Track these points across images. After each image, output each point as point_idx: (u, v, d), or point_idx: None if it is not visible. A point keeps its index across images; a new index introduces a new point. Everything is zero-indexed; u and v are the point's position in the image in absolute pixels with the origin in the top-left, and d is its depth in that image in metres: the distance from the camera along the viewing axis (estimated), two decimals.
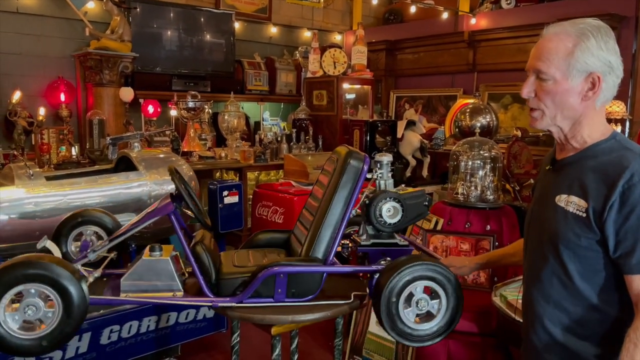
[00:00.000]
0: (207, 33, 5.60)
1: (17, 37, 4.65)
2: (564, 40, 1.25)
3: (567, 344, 1.31)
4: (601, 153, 1.27)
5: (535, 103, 1.30)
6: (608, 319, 1.26)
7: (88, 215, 2.01)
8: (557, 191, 1.31)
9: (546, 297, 1.33)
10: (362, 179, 1.78)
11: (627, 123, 4.70)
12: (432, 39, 6.29)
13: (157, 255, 1.69)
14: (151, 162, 2.84)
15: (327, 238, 1.75)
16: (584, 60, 1.23)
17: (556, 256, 1.30)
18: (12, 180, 2.47)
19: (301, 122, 5.42)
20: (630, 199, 1.17)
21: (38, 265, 1.48)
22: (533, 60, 1.28)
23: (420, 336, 1.62)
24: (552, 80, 1.26)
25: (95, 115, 4.34)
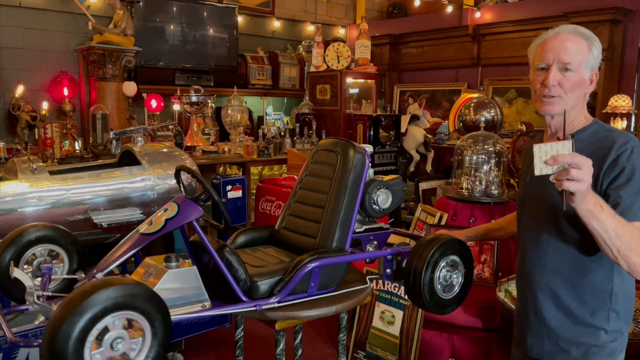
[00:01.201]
0: (210, 27, 5.58)
1: (20, 32, 4.64)
2: (579, 41, 1.46)
3: (563, 306, 1.48)
4: (588, 136, 1.47)
5: (557, 91, 1.45)
6: (599, 277, 1.45)
7: (35, 233, 1.70)
8: None
9: (543, 265, 1.52)
10: (366, 170, 1.92)
11: (633, 117, 4.67)
12: (436, 33, 6.25)
13: (174, 265, 1.55)
14: (154, 157, 2.83)
15: (346, 228, 1.84)
16: (593, 59, 1.47)
17: (554, 227, 1.48)
18: (16, 175, 2.47)
19: (304, 117, 5.40)
20: (618, 163, 1.36)
21: (128, 290, 1.24)
22: (558, 54, 1.45)
23: (447, 306, 1.79)
24: (576, 72, 1.45)
25: (98, 109, 4.33)
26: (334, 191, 1.89)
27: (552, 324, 1.50)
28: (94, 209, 2.57)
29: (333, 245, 1.82)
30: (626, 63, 4.86)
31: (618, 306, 1.46)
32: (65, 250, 1.75)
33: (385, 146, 5.19)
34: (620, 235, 1.26)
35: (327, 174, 1.95)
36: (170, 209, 1.63)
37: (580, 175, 1.15)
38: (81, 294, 1.18)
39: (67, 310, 1.16)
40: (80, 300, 1.17)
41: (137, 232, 1.64)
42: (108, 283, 1.22)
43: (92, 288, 1.20)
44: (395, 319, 2.91)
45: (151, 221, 1.63)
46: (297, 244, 1.94)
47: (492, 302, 2.68)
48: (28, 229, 1.71)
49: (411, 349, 2.80)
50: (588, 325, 1.46)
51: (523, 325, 1.59)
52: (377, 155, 5.14)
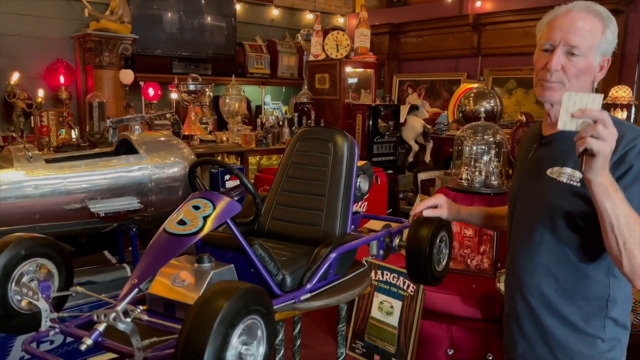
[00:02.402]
0: (208, 15, 5.52)
1: (16, 18, 4.58)
2: (594, 21, 1.30)
3: (557, 312, 1.36)
4: None
5: (558, 76, 1.31)
6: (595, 283, 1.33)
7: (24, 247, 1.50)
8: (549, 164, 1.36)
9: (535, 266, 1.39)
10: (357, 157, 2.00)
11: (633, 108, 4.64)
12: (436, 22, 6.20)
13: (211, 266, 1.49)
14: (152, 145, 2.80)
15: (347, 214, 1.92)
16: (606, 42, 1.31)
17: (549, 226, 1.35)
18: (11, 163, 2.44)
19: (303, 106, 5.36)
20: (626, 160, 1.24)
21: (257, 294, 1.19)
22: (565, 34, 1.30)
23: (440, 278, 1.88)
24: (583, 57, 1.30)
25: (95, 97, 4.30)
26: (332, 178, 1.94)
27: (545, 330, 1.38)
28: (90, 197, 2.54)
29: (338, 231, 1.87)
30: (627, 53, 4.83)
31: (615, 313, 1.34)
32: (55, 264, 1.57)
33: (384, 136, 5.17)
34: (631, 225, 1.15)
35: (319, 163, 1.98)
36: (203, 207, 1.51)
37: (606, 134, 1.05)
38: (218, 299, 1.10)
39: (207, 320, 1.07)
40: (220, 307, 1.08)
41: (171, 234, 1.46)
42: (237, 288, 1.14)
43: (229, 292, 1.12)
44: (394, 310, 2.90)
45: (182, 221, 1.48)
46: (296, 233, 1.94)
47: (491, 293, 2.68)
48: (14, 242, 1.48)
49: (410, 339, 2.79)
50: (583, 333, 1.34)
51: (513, 330, 1.47)
52: (375, 145, 5.12)
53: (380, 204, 4.54)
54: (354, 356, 3.02)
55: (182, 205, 1.56)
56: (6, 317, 1.48)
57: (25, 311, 1.50)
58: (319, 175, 1.96)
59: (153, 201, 2.71)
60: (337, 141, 1.99)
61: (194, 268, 1.50)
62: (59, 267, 1.58)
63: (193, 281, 1.46)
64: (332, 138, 1.99)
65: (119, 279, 2.69)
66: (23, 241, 1.50)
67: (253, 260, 1.55)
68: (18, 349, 2.32)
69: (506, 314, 1.53)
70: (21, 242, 1.50)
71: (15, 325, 1.51)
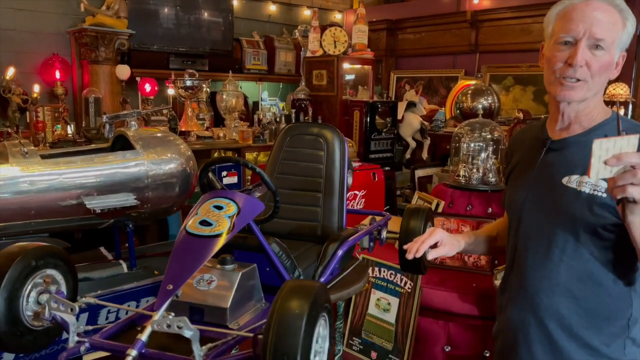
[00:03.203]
0: (205, 10, 5.49)
1: (11, 13, 4.54)
2: (614, 13, 1.20)
3: (575, 335, 1.26)
4: (610, 131, 1.20)
5: (583, 73, 1.19)
6: (618, 302, 1.24)
7: (36, 258, 1.40)
8: (565, 172, 1.24)
9: (553, 287, 1.26)
10: (347, 153, 2.06)
11: (630, 105, 4.65)
12: (433, 18, 6.19)
13: (235, 267, 1.47)
14: (148, 141, 2.78)
15: (344, 209, 1.96)
16: (626, 36, 1.22)
17: (570, 241, 1.23)
18: (7, 159, 2.42)
19: (300, 103, 5.35)
20: None
21: (326, 291, 1.21)
22: (590, 26, 1.18)
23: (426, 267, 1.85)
24: (607, 51, 1.20)
25: (91, 93, 4.26)
26: (327, 174, 1.97)
27: (562, 356, 1.27)
28: (86, 193, 2.53)
29: (336, 226, 1.86)
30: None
31: (635, 333, 1.25)
32: (62, 273, 1.49)
33: (381, 133, 5.16)
34: None
35: (312, 159, 1.99)
36: (226, 206, 1.48)
37: None
38: (301, 300, 1.11)
39: (295, 323, 1.07)
40: (305, 308, 1.09)
41: (198, 236, 1.42)
42: (313, 287, 1.16)
43: (307, 292, 1.13)
44: (391, 307, 2.90)
45: (206, 221, 1.44)
46: (294, 230, 1.95)
47: (489, 290, 2.68)
48: (22, 254, 1.37)
49: (407, 336, 2.79)
50: (604, 356, 1.24)
51: (521, 356, 1.33)
52: (373, 142, 5.11)
53: (378, 200, 4.54)
54: (351, 353, 3.02)
55: (198, 206, 1.51)
56: (18, 336, 1.38)
57: (36, 327, 1.41)
58: (313, 171, 1.97)
59: (149, 197, 2.69)
60: (328, 137, 2.01)
61: (218, 270, 1.46)
62: (65, 276, 1.50)
63: (221, 284, 1.43)
64: (323, 134, 2.01)
65: (115, 276, 2.68)
66: (31, 251, 1.40)
67: (272, 259, 1.54)
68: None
69: (509, 338, 1.38)
70: (30, 253, 1.39)
71: (26, 344, 1.40)
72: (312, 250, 1.80)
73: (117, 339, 1.34)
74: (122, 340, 1.31)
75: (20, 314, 1.36)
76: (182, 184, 2.81)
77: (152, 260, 2.96)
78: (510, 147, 1.55)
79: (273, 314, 1.09)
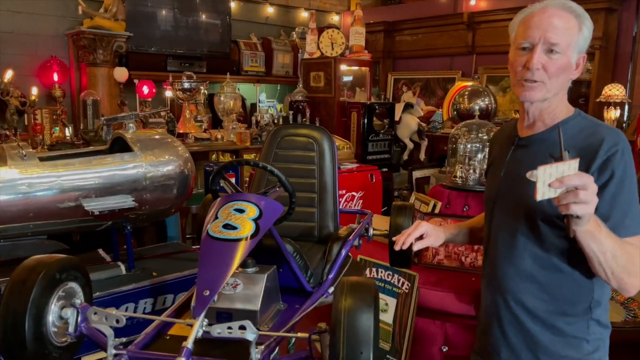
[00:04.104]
0: (202, 12, 5.51)
1: (9, 15, 4.55)
2: (570, 18, 1.29)
3: (541, 317, 1.35)
4: (571, 128, 1.31)
5: (540, 75, 1.29)
6: (580, 287, 1.32)
7: (59, 270, 1.35)
8: (529, 166, 1.29)
9: (519, 273, 1.36)
10: (337, 153, 2.10)
11: (626, 106, 4.68)
12: (430, 20, 6.22)
13: (257, 269, 1.47)
14: (146, 143, 2.79)
15: (337, 209, 2.00)
16: (583, 40, 1.30)
17: (532, 230, 1.32)
18: (5, 161, 2.42)
19: (298, 104, 5.36)
20: (608, 167, 1.22)
21: None
22: (544, 32, 1.27)
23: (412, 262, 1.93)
24: (563, 54, 1.28)
25: (89, 95, 4.27)
26: (321, 176, 2.01)
27: (529, 336, 1.36)
28: (85, 195, 2.53)
29: (332, 225, 1.88)
30: (620, 52, 4.86)
31: (598, 314, 1.34)
32: (80, 285, 1.43)
33: (379, 134, 5.18)
34: (617, 257, 1.16)
35: (305, 160, 2.02)
36: (248, 210, 1.47)
37: (589, 197, 1.03)
38: (369, 293, 1.20)
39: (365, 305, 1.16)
40: (373, 300, 1.19)
41: (225, 240, 1.40)
42: (372, 282, 1.27)
43: (371, 284, 1.24)
44: (388, 307, 2.91)
45: (230, 225, 1.43)
46: (290, 231, 1.96)
47: None
48: (46, 267, 1.32)
49: (404, 336, 2.80)
50: (569, 337, 1.33)
51: (495, 335, 1.43)
52: (370, 143, 5.13)
53: (376, 202, 4.55)
54: None
55: (217, 210, 1.49)
56: (44, 355, 1.30)
57: (61, 344, 1.35)
58: (306, 172, 1.99)
59: (147, 199, 2.70)
60: (318, 138, 2.04)
61: (241, 273, 1.46)
62: (83, 288, 1.44)
63: (247, 287, 1.43)
64: (313, 136, 2.04)
65: (113, 277, 2.69)
66: (54, 264, 1.34)
67: (289, 260, 1.55)
68: None
69: (486, 319, 1.48)
70: (53, 266, 1.33)
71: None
72: (314, 250, 1.82)
73: (154, 349, 1.32)
74: (158, 349, 1.30)
75: (48, 331, 1.30)
76: (180, 186, 2.82)
77: (151, 262, 2.96)
78: (490, 146, 1.68)
79: (341, 312, 1.13)
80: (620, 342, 2.32)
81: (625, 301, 2.60)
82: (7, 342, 1.23)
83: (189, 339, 1.20)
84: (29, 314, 1.24)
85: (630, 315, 2.44)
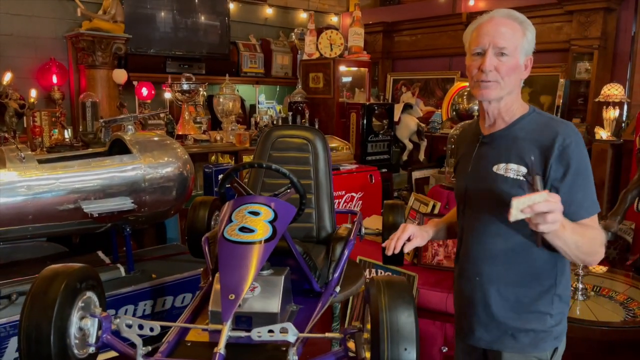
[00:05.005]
0: (201, 14, 5.51)
1: (7, 18, 4.56)
2: (514, 25, 1.44)
3: (510, 296, 1.48)
4: (528, 124, 1.47)
5: (493, 76, 1.43)
6: (546, 264, 1.46)
7: (79, 279, 1.32)
8: (494, 161, 1.48)
9: (493, 257, 1.50)
10: (330, 153, 2.11)
11: (625, 106, 4.67)
12: (429, 20, 6.22)
13: (270, 272, 1.47)
14: (145, 145, 2.79)
15: (334, 209, 2.01)
16: (527, 43, 1.45)
17: (502, 218, 1.40)
18: (4, 163, 2.43)
19: (297, 105, 5.36)
20: (565, 158, 1.37)
21: None
22: (493, 38, 1.43)
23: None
24: (512, 56, 1.43)
25: (88, 97, 4.27)
26: (317, 176, 2.01)
27: (501, 314, 1.49)
28: (84, 198, 2.54)
29: (330, 225, 1.88)
30: (619, 52, 4.86)
31: (561, 290, 1.49)
32: (96, 294, 1.41)
33: (378, 135, 5.18)
34: (580, 246, 1.32)
35: (301, 161, 2.03)
36: (263, 212, 1.47)
37: (556, 218, 1.20)
38: (407, 290, 1.27)
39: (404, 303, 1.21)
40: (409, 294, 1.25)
41: (245, 243, 1.40)
42: (403, 279, 1.32)
43: (405, 282, 1.31)
44: None
45: (247, 228, 1.42)
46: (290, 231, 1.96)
47: None
48: (67, 276, 1.28)
49: None
50: (535, 312, 1.47)
51: (470, 318, 1.57)
52: (370, 144, 5.13)
53: (375, 202, 4.55)
54: None
55: (230, 213, 1.47)
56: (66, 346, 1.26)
57: (82, 356, 1.32)
58: (302, 173, 1.99)
59: (147, 201, 2.70)
60: (312, 139, 2.05)
61: (258, 276, 1.44)
62: (99, 297, 1.42)
63: (265, 289, 1.42)
64: (307, 137, 2.05)
65: (113, 280, 2.69)
66: (74, 274, 1.31)
67: (299, 261, 1.54)
68: (12, 350, 2.31)
69: (461, 304, 1.62)
70: (74, 275, 1.30)
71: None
72: (316, 251, 1.83)
73: (179, 356, 1.32)
74: (183, 356, 1.29)
75: (71, 344, 1.27)
76: (179, 188, 2.82)
77: (150, 264, 2.96)
78: (456, 144, 1.81)
79: (382, 311, 1.17)
80: (620, 342, 2.32)
81: (624, 301, 2.60)
82: (30, 357, 1.21)
83: (220, 344, 1.20)
84: (54, 327, 1.21)
85: (629, 315, 2.44)
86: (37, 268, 2.62)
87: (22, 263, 2.79)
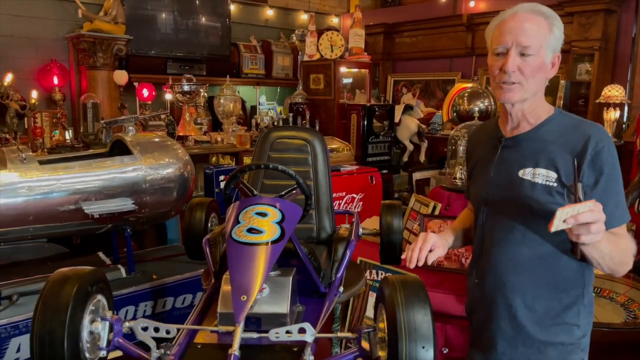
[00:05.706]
0: (202, 15, 5.52)
1: (9, 19, 4.56)
2: (539, 20, 1.34)
3: (537, 308, 1.40)
4: (556, 126, 1.38)
5: (517, 77, 1.34)
6: (574, 274, 1.39)
7: (90, 282, 1.30)
8: (520, 166, 1.39)
9: (518, 266, 1.41)
10: (329, 154, 2.12)
11: (626, 107, 4.68)
12: (430, 22, 6.22)
13: (278, 273, 1.47)
14: (146, 146, 2.80)
15: (333, 209, 2.02)
16: (554, 40, 1.36)
17: (530, 226, 1.37)
18: (5, 164, 2.43)
19: (298, 107, 5.36)
20: (598, 163, 1.29)
21: None
22: (516, 36, 1.33)
23: None
24: (536, 55, 1.33)
25: (89, 98, 4.28)
26: (317, 177, 2.02)
27: (529, 328, 1.41)
28: (85, 199, 2.54)
29: (330, 226, 1.95)
30: (619, 53, 4.86)
31: (587, 300, 1.42)
32: (105, 298, 1.39)
33: (378, 136, 5.17)
34: (614, 257, 1.26)
35: (300, 162, 2.03)
36: (270, 213, 1.45)
37: (600, 228, 1.12)
38: (422, 289, 1.25)
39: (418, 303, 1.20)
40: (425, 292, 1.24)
41: (253, 244, 1.38)
42: (417, 276, 1.30)
43: (419, 280, 1.28)
44: None
45: (254, 229, 1.41)
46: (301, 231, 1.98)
47: None
48: (78, 279, 1.27)
49: None
50: (562, 323, 1.40)
51: (492, 332, 1.47)
52: (370, 145, 5.13)
53: (376, 203, 4.55)
54: None
55: (237, 214, 1.46)
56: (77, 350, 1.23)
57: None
58: (302, 174, 1.98)
59: (147, 202, 2.71)
60: (311, 140, 2.05)
61: None
62: (108, 300, 1.40)
63: (273, 290, 1.42)
64: (305, 137, 2.05)
65: (113, 281, 2.69)
66: (86, 277, 1.29)
67: (305, 262, 1.53)
68: (13, 351, 2.31)
69: (480, 313, 1.52)
70: (85, 278, 1.28)
71: None
72: (317, 251, 1.83)
73: (194, 359, 1.31)
74: (199, 358, 1.29)
75: (83, 348, 1.24)
76: (180, 189, 2.82)
77: (151, 265, 2.97)
78: (468, 147, 1.70)
79: (399, 309, 1.16)
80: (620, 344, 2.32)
81: (625, 302, 2.59)
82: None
83: (234, 345, 1.19)
84: (67, 332, 1.19)
85: (630, 316, 2.44)
86: (37, 269, 2.64)
87: (23, 264, 2.79)
